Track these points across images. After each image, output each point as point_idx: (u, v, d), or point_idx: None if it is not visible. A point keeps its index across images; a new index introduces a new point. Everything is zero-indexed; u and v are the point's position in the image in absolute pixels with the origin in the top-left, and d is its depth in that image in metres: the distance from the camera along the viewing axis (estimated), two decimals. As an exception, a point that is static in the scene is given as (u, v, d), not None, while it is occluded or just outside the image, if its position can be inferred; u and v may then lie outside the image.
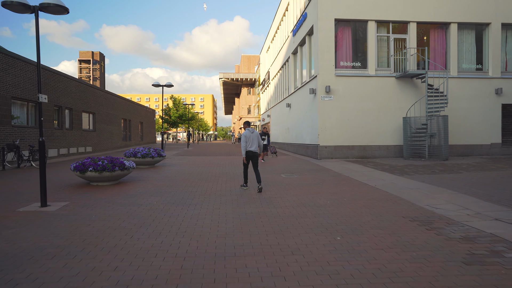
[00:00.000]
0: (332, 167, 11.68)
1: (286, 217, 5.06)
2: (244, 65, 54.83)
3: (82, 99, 18.89)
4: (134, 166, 8.42)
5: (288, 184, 8.11)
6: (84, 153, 18.98)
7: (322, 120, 14.76)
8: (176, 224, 4.64)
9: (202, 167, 12.24)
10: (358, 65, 15.15)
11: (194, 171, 10.94)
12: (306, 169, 11.22)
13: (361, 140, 14.95)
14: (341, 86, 14.86)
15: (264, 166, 12.21)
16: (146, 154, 11.65)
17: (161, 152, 12.13)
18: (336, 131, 14.84)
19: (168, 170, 11.07)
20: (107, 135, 22.77)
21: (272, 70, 29.94)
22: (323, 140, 14.76)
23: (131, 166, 8.21)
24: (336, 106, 14.84)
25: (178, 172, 10.66)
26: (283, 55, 23.91)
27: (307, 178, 9.20)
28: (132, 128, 29.36)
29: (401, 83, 15.11)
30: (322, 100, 14.75)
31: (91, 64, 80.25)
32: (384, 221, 4.78)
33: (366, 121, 14.95)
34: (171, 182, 8.49)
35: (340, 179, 8.97)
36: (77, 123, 18.17)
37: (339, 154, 14.86)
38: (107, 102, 22.93)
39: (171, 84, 15.56)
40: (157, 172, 10.51)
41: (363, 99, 14.94)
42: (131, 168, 8.21)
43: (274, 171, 10.91)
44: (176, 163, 13.90)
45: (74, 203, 5.96)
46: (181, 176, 9.67)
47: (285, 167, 12.06)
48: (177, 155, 19.16)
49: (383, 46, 15.33)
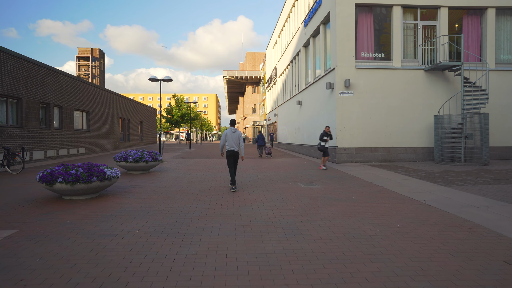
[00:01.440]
0: (356, 174, 9.91)
1: (328, 261, 3.33)
2: (249, 62, 53.06)
3: (74, 96, 17.30)
4: (119, 175, 6.75)
5: (312, 199, 6.38)
6: (76, 155, 17.39)
7: (341, 119, 12.99)
8: (159, 281, 2.92)
9: (204, 173, 10.55)
10: (381, 56, 13.35)
11: (194, 178, 9.25)
12: (326, 176, 9.47)
13: (384, 141, 13.15)
14: (362, 80, 13.08)
15: (277, 171, 10.48)
16: (138, 158, 9.98)
17: (156, 156, 10.46)
18: (357, 131, 13.06)
19: (164, 177, 9.38)
20: (103, 135, 21.18)
21: (280, 66, 28.19)
22: (342, 141, 13.00)
23: (114, 175, 6.54)
24: (357, 102, 13.06)
25: (175, 180, 8.97)
26: (292, 49, 22.15)
27: (333, 189, 7.46)
28: (131, 128, 27.80)
29: (431, 76, 13.28)
30: (340, 95, 12.99)
31: (90, 61, 77.64)
32: (483, 273, 3.03)
33: (391, 120, 13.16)
34: (164, 194, 6.80)
35: (374, 190, 7.22)
36: (68, 122, 16.59)
37: (360, 157, 13.08)
38: (103, 100, 21.35)
39: (170, 79, 13.89)
40: (150, 180, 8.83)
41: (387, 94, 13.14)
42: (114, 178, 6.53)
43: (288, 178, 9.19)
44: (174, 167, 12.22)
45: (23, 232, 4.28)
46: (178, 185, 7.97)
47: (300, 173, 10.32)
48: (177, 157, 17.50)
49: (410, 35, 13.51)
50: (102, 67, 79.67)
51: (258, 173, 10.32)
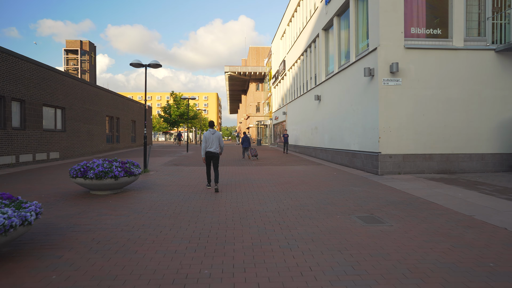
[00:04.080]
0: (425, 195, 6.64)
1: None
2: (252, 58, 49.75)
3: (44, 89, 14.07)
4: (33, 217, 3.50)
5: (411, 268, 3.09)
6: (47, 160, 14.17)
7: (385, 116, 9.74)
8: None
9: (202, 193, 7.30)
10: (436, 33, 10.09)
11: (185, 206, 5.99)
12: (384, 201, 6.21)
13: (442, 145, 9.90)
14: (413, 64, 9.82)
15: (307, 191, 7.20)
16: (103, 172, 6.73)
17: (132, 169, 7.21)
18: (406, 133, 9.81)
19: (139, 204, 6.13)
20: (84, 137, 17.95)
21: (289, 58, 24.94)
22: (386, 145, 9.74)
23: (24, 219, 3.30)
24: (406, 94, 9.81)
25: (155, 209, 5.72)
26: (307, 36, 18.89)
27: (419, 232, 4.20)
28: (121, 128, 24.55)
29: (504, 59, 10.02)
30: (384, 85, 9.73)
31: (79, 55, 70.61)
32: None
33: (451, 118, 9.91)
34: (122, 254, 3.54)
35: (492, 235, 3.94)
36: (34, 121, 13.36)
37: (409, 167, 9.82)
38: (84, 95, 18.11)
39: (158, 63, 10.63)
40: (113, 209, 5.58)
41: (446, 83, 9.89)
42: (23, 225, 3.29)
43: (330, 203, 5.93)
44: (161, 181, 8.97)
45: None
46: (156, 225, 4.72)
47: (340, 192, 7.05)
48: (170, 163, 14.25)
49: (474, 5, 10.24)
50: (93, 62, 73.40)
51: (281, 194, 7.07)
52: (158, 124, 65.17)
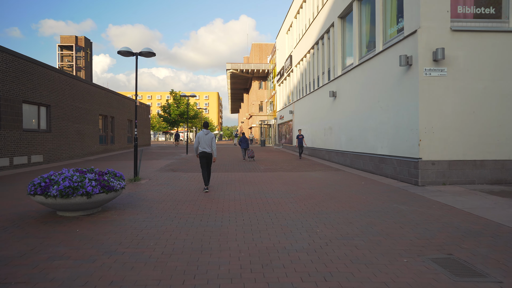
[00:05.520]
0: (504, 220, 4.88)
1: None
2: (255, 55, 47.94)
3: (24, 84, 12.37)
4: None
5: None
6: (27, 165, 12.47)
7: (427, 114, 7.98)
8: None
9: (203, 213, 5.56)
10: (488, 12, 8.32)
11: (180, 239, 4.24)
12: (457, 230, 4.44)
13: (497, 150, 8.13)
14: (461, 50, 8.06)
15: (344, 214, 5.45)
16: (72, 188, 5.00)
17: (111, 182, 5.48)
18: (452, 134, 8.05)
19: (114, 236, 4.38)
20: (73, 138, 16.24)
21: (297, 53, 23.17)
22: (428, 150, 7.99)
23: None
24: (453, 87, 8.05)
25: (137, 245, 3.97)
26: (319, 26, 17.13)
27: None
28: (116, 128, 22.84)
29: None
30: (426, 76, 7.97)
31: (74, 51, 67.16)
32: None
33: (508, 116, 8.14)
34: None
35: None
36: (12, 120, 11.67)
37: (456, 176, 8.06)
38: (73, 91, 16.41)
39: (151, 51, 8.89)
40: (76, 247, 3.84)
41: (502, 74, 8.12)
42: None
43: (379, 232, 4.16)
44: (153, 194, 7.23)
45: None
46: (130, 285, 2.98)
47: (383, 212, 5.29)
48: (167, 168, 12.52)
49: (533, -20, 8.46)
50: (89, 58, 70.46)
51: (308, 216, 5.31)
52: (158, 124, 63.51)
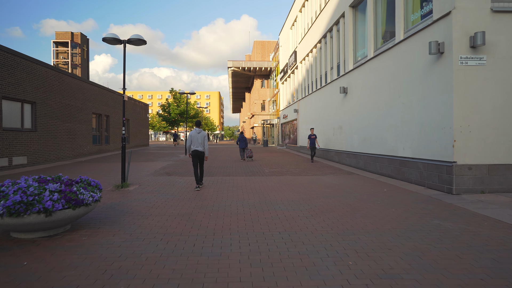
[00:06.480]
0: None
1: None
2: (257, 53, 46.74)
3: (4, 78, 11.26)
4: None
5: None
6: (8, 167, 11.34)
7: (463, 110, 6.80)
8: None
9: (197, 233, 4.39)
10: (533, -8, 7.12)
11: (163, 278, 3.08)
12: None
13: (544, 152, 6.93)
14: (503, 34, 6.87)
15: (378, 235, 4.25)
16: (24, 203, 3.84)
17: (82, 194, 4.32)
18: (493, 134, 6.87)
19: (75, 272, 3.20)
20: (63, 138, 15.11)
21: (302, 48, 21.99)
22: (464, 152, 6.80)
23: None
24: (492, 78, 6.86)
25: (101, 289, 2.81)
26: (327, 18, 15.95)
27: None
28: (112, 127, 21.71)
29: None
30: (462, 65, 6.79)
31: (70, 48, 64.85)
32: None
33: (556, 112, 6.94)
34: None
35: None
36: (-10, 118, 10.55)
37: (497, 182, 6.87)
38: (63, 88, 15.28)
39: (140, 38, 7.74)
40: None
41: (549, 63, 6.92)
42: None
43: (432, 265, 2.95)
44: (139, 206, 6.06)
45: None
46: None
47: (424, 232, 4.12)
48: (162, 171, 11.36)
49: None
50: (85, 55, 68.84)
51: (332, 239, 4.15)
52: (159, 124, 62.44)
